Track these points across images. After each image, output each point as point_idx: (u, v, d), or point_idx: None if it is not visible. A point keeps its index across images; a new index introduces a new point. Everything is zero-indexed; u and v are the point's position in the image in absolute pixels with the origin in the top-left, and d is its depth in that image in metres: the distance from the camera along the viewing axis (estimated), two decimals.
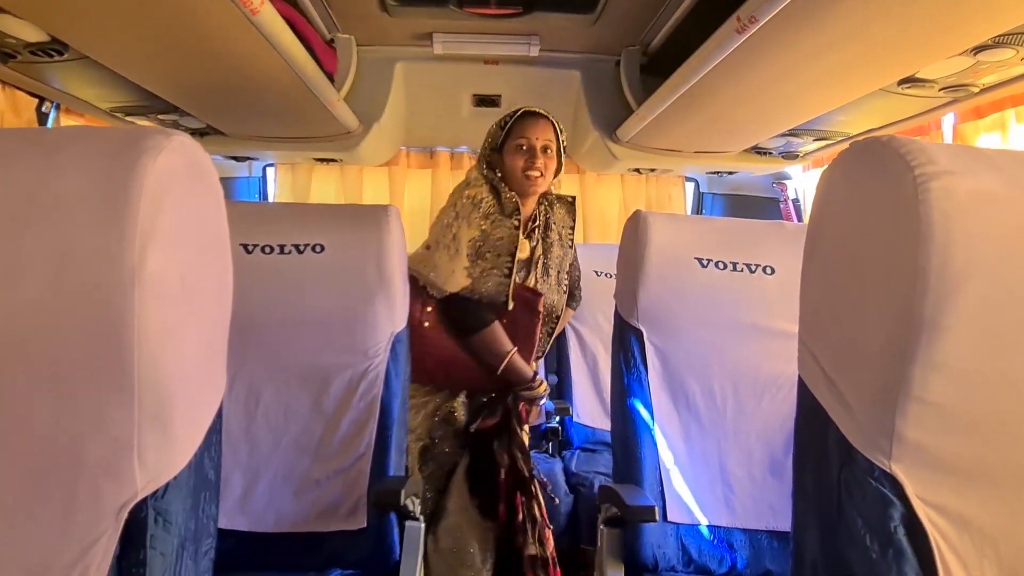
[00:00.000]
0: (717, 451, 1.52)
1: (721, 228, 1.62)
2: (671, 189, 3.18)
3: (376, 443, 1.45)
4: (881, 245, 0.60)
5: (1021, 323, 0.56)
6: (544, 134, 1.72)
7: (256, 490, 1.43)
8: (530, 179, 1.70)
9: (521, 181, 1.71)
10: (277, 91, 1.81)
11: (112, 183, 0.54)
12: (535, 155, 1.70)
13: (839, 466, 0.63)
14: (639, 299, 1.54)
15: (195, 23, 1.34)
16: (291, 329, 1.48)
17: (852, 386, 0.64)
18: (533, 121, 1.73)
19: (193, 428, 0.62)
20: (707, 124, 2.06)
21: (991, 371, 0.57)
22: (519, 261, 1.73)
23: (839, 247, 0.68)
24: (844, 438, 0.63)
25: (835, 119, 1.93)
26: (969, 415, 0.59)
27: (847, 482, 0.61)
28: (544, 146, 1.71)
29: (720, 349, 1.55)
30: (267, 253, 1.48)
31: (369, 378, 1.49)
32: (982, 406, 0.58)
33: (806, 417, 0.70)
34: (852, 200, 0.66)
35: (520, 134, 1.72)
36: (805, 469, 0.69)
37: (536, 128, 1.72)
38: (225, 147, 2.45)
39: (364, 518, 1.41)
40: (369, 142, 2.41)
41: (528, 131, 1.72)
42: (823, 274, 0.71)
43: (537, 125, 1.73)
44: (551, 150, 1.73)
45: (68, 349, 0.54)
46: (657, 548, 1.42)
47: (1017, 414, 0.58)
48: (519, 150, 1.71)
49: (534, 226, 1.80)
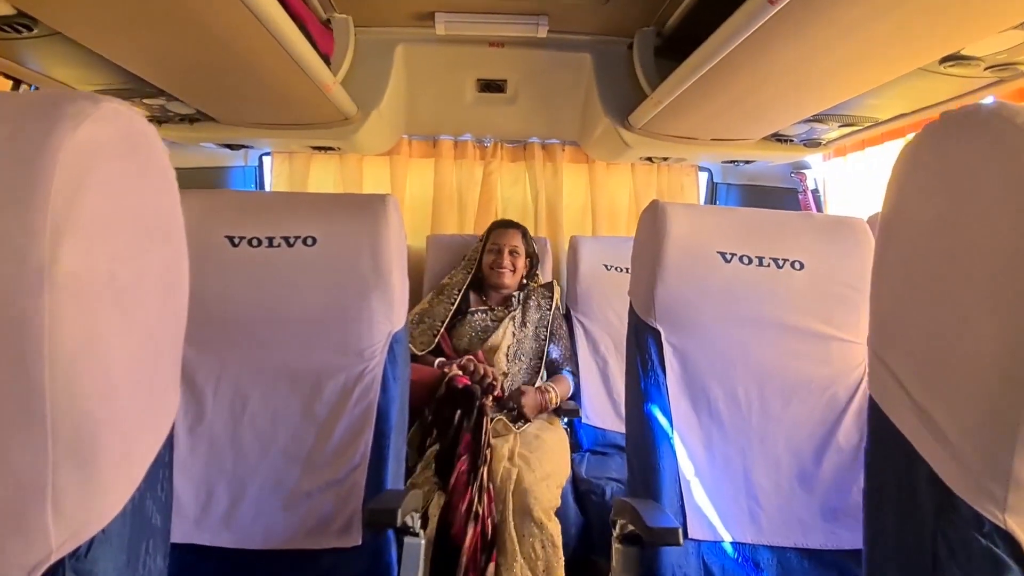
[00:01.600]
0: (742, 460, 1.41)
1: (745, 219, 1.50)
2: (683, 179, 3.05)
3: (372, 453, 1.35)
4: (991, 234, 0.48)
5: None
6: (511, 240, 2.39)
7: (243, 504, 1.32)
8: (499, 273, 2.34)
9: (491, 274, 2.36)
10: (269, 73, 1.69)
11: (17, 159, 0.42)
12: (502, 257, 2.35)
13: (934, 514, 0.50)
14: (657, 296, 1.42)
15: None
16: (280, 328, 1.38)
17: (950, 415, 0.50)
18: (502, 231, 2.43)
19: (129, 463, 0.51)
20: (726, 109, 1.93)
21: None
22: (489, 346, 2.20)
23: (928, 238, 0.55)
24: (940, 480, 0.50)
25: (864, 103, 1.80)
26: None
27: (946, 535, 0.49)
28: (511, 249, 2.37)
29: (745, 350, 1.43)
30: (254, 246, 1.37)
31: (365, 382, 1.38)
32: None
33: (883, 446, 0.57)
34: (947, 181, 0.54)
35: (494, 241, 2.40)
36: (883, 509, 0.56)
37: (505, 236, 2.40)
38: (217, 134, 2.33)
39: (359, 535, 1.30)
40: (368, 129, 2.29)
41: (500, 239, 2.39)
42: (904, 271, 0.58)
43: (506, 234, 2.41)
44: (518, 251, 2.38)
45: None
46: (677, 568, 1.30)
47: None
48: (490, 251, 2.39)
49: (508, 312, 2.30)
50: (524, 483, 1.75)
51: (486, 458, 1.72)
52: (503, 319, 2.29)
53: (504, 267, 2.33)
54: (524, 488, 1.73)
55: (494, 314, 2.32)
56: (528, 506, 1.69)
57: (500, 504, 1.71)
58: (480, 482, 1.68)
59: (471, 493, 1.65)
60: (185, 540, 1.30)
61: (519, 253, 2.38)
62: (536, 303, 2.36)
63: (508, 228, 2.43)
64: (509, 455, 1.84)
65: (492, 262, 2.36)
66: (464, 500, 1.64)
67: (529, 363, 2.25)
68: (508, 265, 2.34)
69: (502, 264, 2.34)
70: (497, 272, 2.34)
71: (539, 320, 2.33)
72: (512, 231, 2.42)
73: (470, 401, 1.82)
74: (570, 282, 2.69)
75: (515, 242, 2.39)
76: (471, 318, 2.29)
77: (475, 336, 2.23)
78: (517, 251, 2.38)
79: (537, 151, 3.01)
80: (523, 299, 2.36)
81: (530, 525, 1.68)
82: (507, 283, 2.35)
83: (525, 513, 1.69)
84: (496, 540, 1.66)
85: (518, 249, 2.38)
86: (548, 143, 3.02)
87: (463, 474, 1.69)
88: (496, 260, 2.35)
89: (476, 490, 1.66)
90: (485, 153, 3.01)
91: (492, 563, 1.63)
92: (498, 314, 2.32)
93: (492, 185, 3.00)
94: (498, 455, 1.79)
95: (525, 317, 2.31)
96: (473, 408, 1.80)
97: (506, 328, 2.26)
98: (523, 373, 2.22)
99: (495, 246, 2.38)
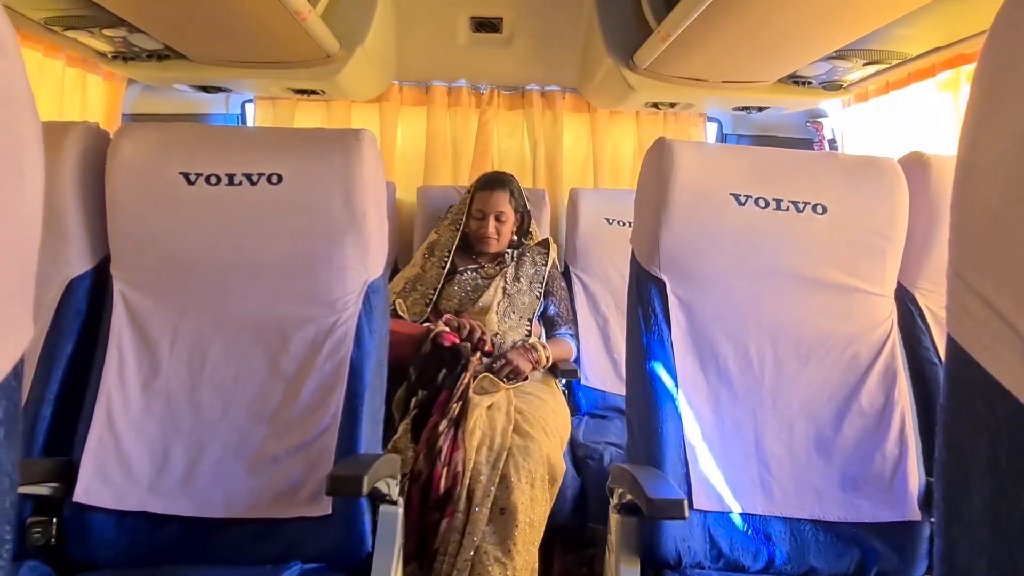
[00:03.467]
0: (752, 425, 1.30)
1: (763, 159, 1.36)
2: (691, 129, 2.89)
3: (344, 413, 1.23)
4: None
5: None
6: (496, 205, 2.17)
7: (201, 467, 1.21)
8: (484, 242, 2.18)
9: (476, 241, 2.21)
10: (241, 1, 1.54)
11: None
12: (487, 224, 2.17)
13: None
14: (662, 243, 1.29)
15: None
16: (243, 275, 1.26)
17: None
18: (486, 194, 2.20)
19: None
20: (738, 44, 1.78)
21: None
22: (480, 307, 2.10)
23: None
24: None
25: (894, 34, 1.64)
26: None
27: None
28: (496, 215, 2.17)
29: (758, 303, 1.31)
30: (212, 184, 1.25)
31: (337, 335, 1.26)
32: None
33: (968, 403, 0.43)
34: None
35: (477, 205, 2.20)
36: (969, 480, 0.42)
37: (489, 201, 2.18)
38: (190, 73, 2.17)
39: (329, 503, 1.19)
40: (353, 70, 2.14)
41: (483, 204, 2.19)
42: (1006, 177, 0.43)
43: (491, 198, 2.19)
44: (504, 217, 2.17)
45: None
46: (681, 541, 1.19)
47: None
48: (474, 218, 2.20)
49: (501, 270, 2.18)
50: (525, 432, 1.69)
51: (453, 412, 1.64)
52: (494, 277, 2.16)
53: (489, 235, 2.16)
54: (527, 445, 1.63)
55: (484, 272, 2.18)
56: (526, 463, 1.59)
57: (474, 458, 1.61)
58: (451, 433, 1.61)
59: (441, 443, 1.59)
60: (138, 508, 1.19)
61: (505, 219, 2.19)
62: (531, 259, 2.22)
63: (493, 191, 2.20)
64: (506, 410, 1.75)
65: (477, 229, 2.19)
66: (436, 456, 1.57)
67: (519, 321, 2.13)
68: (493, 233, 2.17)
69: (487, 232, 2.17)
70: (483, 240, 2.18)
71: (534, 275, 2.20)
72: (497, 193, 2.19)
73: (457, 360, 1.72)
74: (569, 237, 2.56)
75: (501, 206, 2.18)
76: (460, 277, 2.17)
77: (465, 296, 2.11)
78: (503, 216, 2.18)
79: (536, 99, 2.84)
80: (517, 257, 2.22)
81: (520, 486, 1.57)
82: (493, 250, 2.21)
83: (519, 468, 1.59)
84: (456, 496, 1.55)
85: (504, 215, 2.18)
86: (547, 90, 2.85)
87: (433, 429, 1.61)
88: (480, 227, 2.18)
89: (447, 442, 1.59)
90: (480, 101, 2.85)
91: (445, 519, 1.53)
92: (489, 272, 2.18)
93: (488, 135, 2.84)
94: (476, 410, 1.68)
95: (519, 272, 2.19)
96: (458, 367, 1.70)
97: (497, 286, 2.13)
98: (514, 331, 2.10)
99: (479, 212, 2.19)
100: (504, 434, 1.66)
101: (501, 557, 1.53)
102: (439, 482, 1.54)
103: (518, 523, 1.55)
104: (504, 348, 2.00)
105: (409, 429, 1.66)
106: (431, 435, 1.60)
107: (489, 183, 2.22)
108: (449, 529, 1.54)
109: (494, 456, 1.61)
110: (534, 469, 1.62)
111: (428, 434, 1.60)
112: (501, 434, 1.66)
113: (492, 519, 1.56)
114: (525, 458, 1.61)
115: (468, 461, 1.59)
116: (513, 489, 1.57)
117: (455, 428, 1.63)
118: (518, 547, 1.54)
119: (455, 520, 1.54)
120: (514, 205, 2.20)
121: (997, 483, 0.39)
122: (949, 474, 0.44)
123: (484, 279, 2.14)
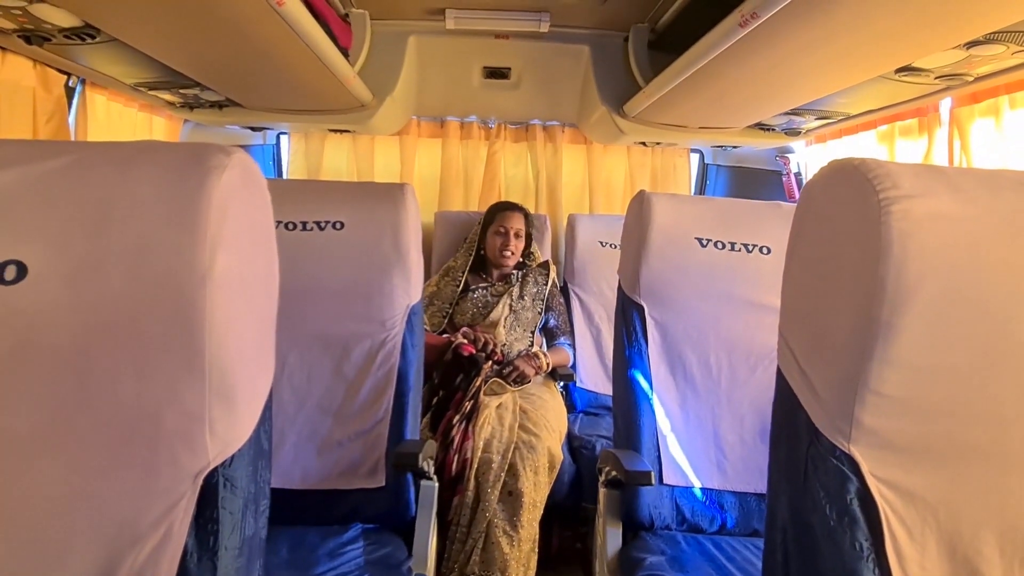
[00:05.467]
0: (711, 418, 1.62)
1: (721, 209, 1.70)
2: (676, 160, 3.24)
3: (394, 408, 1.56)
4: (848, 256, 0.69)
5: (964, 326, 0.65)
6: (516, 223, 2.50)
7: (283, 450, 1.54)
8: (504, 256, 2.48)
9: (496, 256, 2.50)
10: (295, 69, 1.87)
11: (184, 194, 0.63)
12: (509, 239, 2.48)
13: (807, 445, 0.73)
14: (641, 276, 1.62)
15: (221, 10, 1.40)
16: (314, 299, 1.57)
17: (820, 378, 0.73)
18: (508, 214, 2.52)
19: (252, 405, 0.72)
20: (712, 102, 2.11)
21: (938, 367, 0.66)
22: (490, 321, 2.41)
23: (814, 253, 0.77)
24: (811, 422, 0.73)
25: (836, 100, 1.98)
26: (918, 405, 0.68)
27: (813, 459, 0.71)
28: (516, 232, 2.49)
29: (717, 323, 1.63)
30: (290, 229, 1.57)
31: (387, 348, 1.58)
32: (929, 397, 0.68)
33: (781, 400, 0.80)
34: (827, 213, 0.75)
35: (500, 223, 2.51)
36: (780, 444, 0.80)
37: (511, 219, 2.51)
38: (243, 118, 2.51)
39: (383, 477, 1.53)
40: (382, 114, 2.47)
41: (506, 222, 2.50)
42: (801, 276, 0.80)
43: (512, 217, 2.51)
44: (521, 234, 2.51)
45: (148, 333, 0.63)
46: (653, 508, 1.53)
47: (959, 402, 0.68)
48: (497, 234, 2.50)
49: (508, 288, 2.48)
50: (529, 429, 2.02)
51: (466, 409, 1.98)
52: (503, 294, 2.46)
53: (510, 249, 2.46)
54: (529, 437, 1.99)
55: (494, 290, 2.48)
56: (531, 448, 1.95)
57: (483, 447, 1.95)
58: (463, 426, 1.95)
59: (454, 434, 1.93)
60: None
61: (522, 236, 2.51)
62: (534, 279, 2.52)
63: (514, 211, 2.54)
64: (513, 409, 2.07)
65: (501, 244, 2.47)
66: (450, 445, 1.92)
67: (523, 333, 2.44)
68: (513, 247, 2.47)
69: (508, 246, 2.46)
70: (504, 254, 2.47)
71: (536, 294, 2.50)
72: (517, 214, 2.53)
73: (474, 367, 2.07)
74: (568, 257, 2.90)
75: (519, 225, 2.50)
76: (472, 295, 2.47)
77: (477, 312, 2.43)
78: (520, 233, 2.50)
79: (539, 132, 3.19)
80: (521, 277, 2.51)
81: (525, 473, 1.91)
82: (510, 264, 2.50)
83: (526, 456, 1.93)
84: (466, 478, 1.90)
85: (521, 232, 2.51)
86: (549, 125, 3.20)
87: (448, 422, 1.96)
88: (504, 243, 2.47)
89: (459, 433, 1.93)
90: (490, 134, 3.19)
91: (457, 496, 1.88)
92: (498, 290, 2.48)
93: (496, 164, 3.18)
94: (486, 409, 2.03)
95: (523, 291, 2.48)
96: (473, 372, 2.05)
97: (505, 303, 2.43)
98: (520, 342, 2.41)
99: (502, 228, 2.49)
100: (511, 429, 2.00)
101: (509, 530, 1.87)
102: (451, 466, 1.88)
103: (523, 504, 1.88)
104: (511, 356, 2.33)
105: (429, 423, 2.02)
106: (446, 427, 1.95)
107: (511, 206, 2.58)
108: (461, 504, 1.87)
109: (503, 447, 1.94)
110: (538, 460, 1.95)
111: (443, 427, 1.96)
112: (508, 429, 2.00)
113: (502, 499, 1.89)
114: (530, 451, 1.94)
115: (477, 450, 1.93)
116: (520, 476, 1.90)
117: (467, 422, 1.97)
118: (523, 523, 1.88)
119: (466, 497, 1.87)
120: (526, 227, 2.55)
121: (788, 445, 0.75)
122: (773, 439, 0.80)
123: (493, 296, 2.46)
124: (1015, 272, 0.65)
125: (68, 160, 0.65)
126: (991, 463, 0.69)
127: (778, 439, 0.80)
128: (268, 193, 0.75)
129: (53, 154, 0.65)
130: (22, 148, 0.67)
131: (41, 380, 0.63)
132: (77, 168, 0.65)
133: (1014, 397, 0.67)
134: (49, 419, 0.64)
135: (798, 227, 0.81)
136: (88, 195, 0.64)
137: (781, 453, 0.79)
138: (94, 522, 0.65)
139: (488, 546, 1.84)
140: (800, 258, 0.81)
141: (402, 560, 1.40)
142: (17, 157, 0.65)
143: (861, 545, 0.69)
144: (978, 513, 0.70)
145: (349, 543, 1.42)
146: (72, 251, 0.62)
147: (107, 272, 0.62)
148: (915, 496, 0.70)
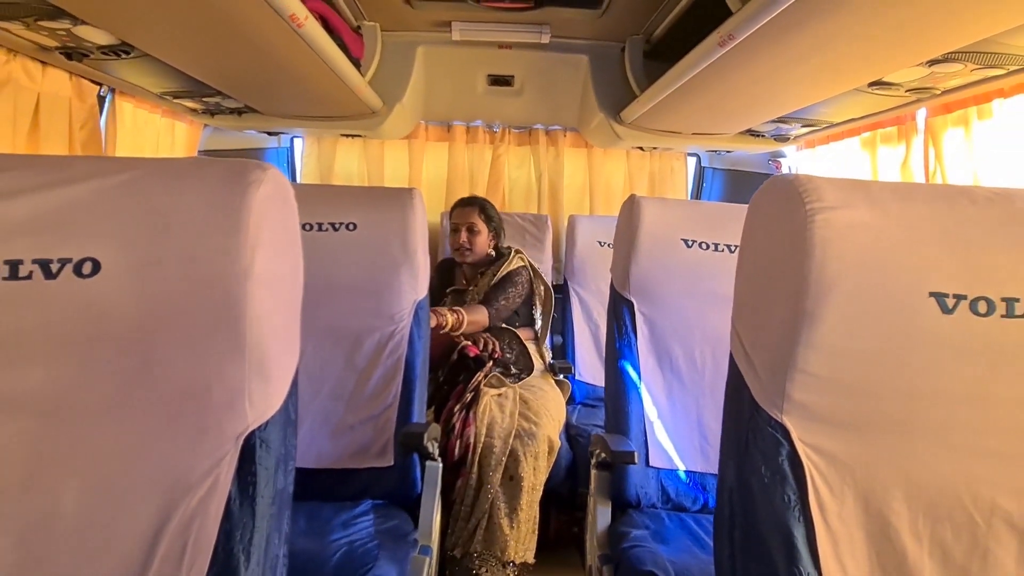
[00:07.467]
0: (695, 406, 1.74)
1: (706, 212, 1.82)
2: (674, 163, 3.36)
3: (402, 394, 1.69)
4: (782, 257, 0.82)
5: (875, 316, 0.78)
6: (467, 218, 2.54)
7: (300, 432, 1.66)
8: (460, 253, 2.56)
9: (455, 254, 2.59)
10: (310, 80, 2.00)
11: (229, 204, 0.76)
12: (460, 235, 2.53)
13: (748, 416, 0.86)
14: (631, 275, 1.74)
15: (245, 29, 1.53)
16: (328, 294, 1.69)
17: (760, 359, 0.87)
18: (460, 210, 2.58)
19: (282, 380, 0.86)
20: (703, 110, 2.24)
21: (854, 350, 0.79)
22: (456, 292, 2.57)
23: (758, 254, 0.91)
24: (753, 398, 0.86)
25: (819, 110, 2.10)
26: (838, 382, 0.81)
27: (752, 429, 0.85)
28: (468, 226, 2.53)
29: (701, 318, 1.74)
30: (307, 230, 1.70)
31: (395, 339, 1.72)
32: (847, 375, 0.81)
33: (731, 380, 0.93)
34: (767, 221, 0.88)
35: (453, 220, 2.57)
36: (729, 417, 0.93)
37: (462, 215, 2.55)
38: (260, 123, 2.65)
39: (392, 457, 1.66)
40: (391, 119, 2.60)
41: (457, 218, 2.56)
42: (748, 274, 0.93)
43: (463, 212, 2.56)
44: (476, 228, 2.53)
45: (199, 321, 0.76)
46: (640, 488, 1.66)
47: (872, 380, 0.81)
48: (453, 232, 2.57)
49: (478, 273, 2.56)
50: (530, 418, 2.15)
51: (466, 399, 2.13)
52: (472, 290, 2.56)
53: (461, 243, 2.53)
54: (529, 426, 2.11)
55: (467, 290, 2.57)
56: (530, 438, 2.07)
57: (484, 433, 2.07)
58: (463, 414, 2.09)
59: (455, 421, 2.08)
60: None
61: (477, 230, 2.54)
62: (493, 271, 2.54)
63: (464, 206, 2.58)
64: (514, 398, 2.20)
65: (453, 241, 2.57)
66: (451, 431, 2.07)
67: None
68: (465, 243, 2.52)
69: (459, 242, 2.54)
70: (457, 250, 2.57)
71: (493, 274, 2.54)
72: (468, 209, 2.57)
73: (480, 367, 2.25)
74: (568, 256, 3.03)
75: (471, 218, 2.54)
76: (454, 296, 2.60)
77: None
78: (474, 227, 2.53)
79: (541, 136, 3.32)
80: (488, 272, 2.55)
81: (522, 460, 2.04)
82: (468, 261, 2.57)
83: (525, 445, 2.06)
84: (468, 462, 2.03)
85: (476, 225, 2.54)
86: (551, 129, 3.34)
87: (449, 411, 2.12)
88: (455, 239, 2.56)
89: (459, 420, 2.07)
90: (494, 138, 3.33)
91: (460, 478, 2.01)
92: (470, 287, 2.58)
93: (500, 167, 3.32)
94: (485, 397, 2.16)
95: (489, 283, 2.52)
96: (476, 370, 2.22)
97: (475, 298, 2.51)
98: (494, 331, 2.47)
99: (454, 225, 2.57)
100: (512, 416, 2.12)
101: (509, 512, 2.00)
102: (453, 451, 2.02)
103: (523, 488, 2.00)
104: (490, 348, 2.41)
105: (432, 416, 2.16)
106: (447, 416, 2.10)
107: (461, 202, 2.62)
108: (464, 486, 2.00)
109: (505, 433, 2.07)
110: (538, 447, 2.07)
111: (446, 415, 2.11)
112: (510, 416, 2.13)
113: (503, 483, 2.01)
114: (531, 438, 2.06)
115: (479, 436, 2.05)
116: (521, 462, 2.01)
117: (467, 411, 2.10)
118: (522, 505, 2.00)
119: (469, 479, 2.00)
120: (485, 220, 2.56)
121: (734, 418, 0.88)
122: (725, 414, 0.94)
123: (465, 292, 2.59)
124: (917, 271, 0.78)
125: (132, 175, 0.78)
126: (900, 431, 0.82)
127: (728, 413, 0.94)
128: (295, 202, 0.88)
129: (119, 169, 0.79)
130: (94, 164, 0.80)
131: (111, 359, 0.77)
132: (140, 181, 0.78)
133: (918, 375, 0.80)
134: (117, 391, 0.77)
135: (748, 232, 0.94)
136: (149, 204, 0.77)
137: (730, 425, 0.93)
138: (155, 475, 0.78)
139: (491, 526, 1.97)
140: (748, 258, 0.94)
141: (408, 531, 1.53)
142: (90, 172, 0.78)
143: (790, 498, 0.82)
144: (889, 473, 0.82)
145: (360, 516, 1.56)
146: (137, 251, 0.75)
147: (166, 269, 0.75)
148: (836, 458, 0.83)
